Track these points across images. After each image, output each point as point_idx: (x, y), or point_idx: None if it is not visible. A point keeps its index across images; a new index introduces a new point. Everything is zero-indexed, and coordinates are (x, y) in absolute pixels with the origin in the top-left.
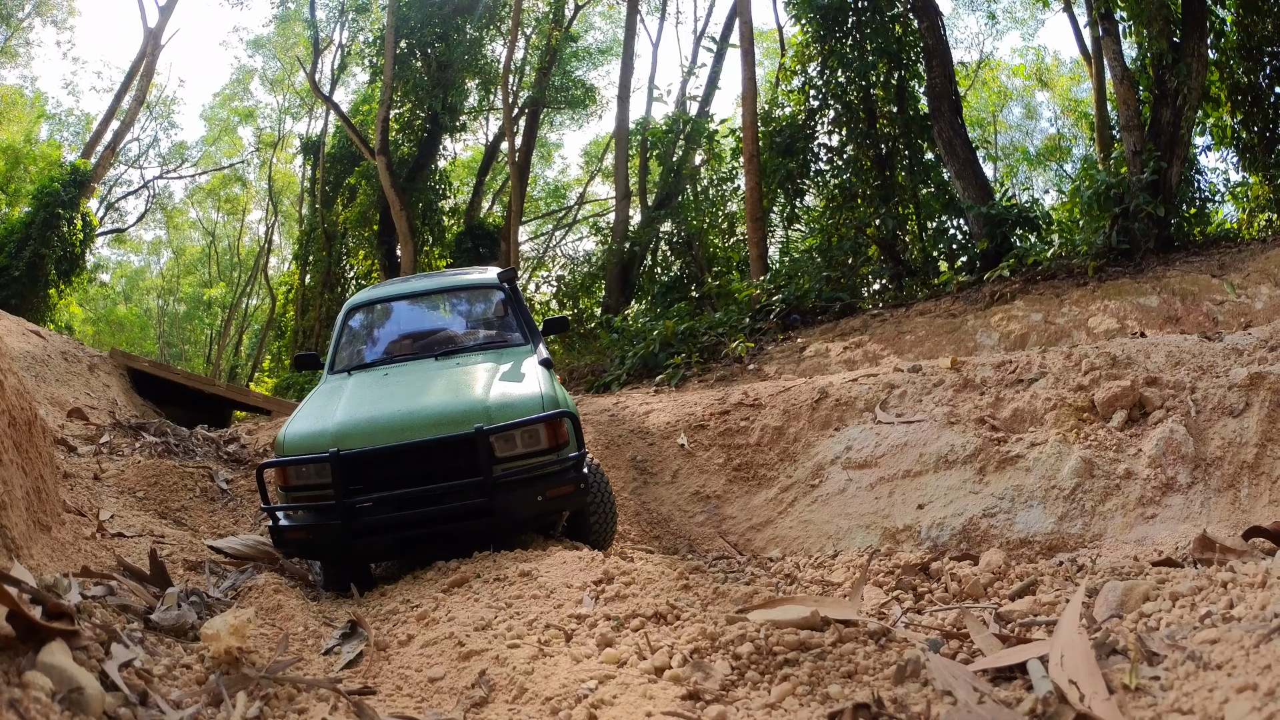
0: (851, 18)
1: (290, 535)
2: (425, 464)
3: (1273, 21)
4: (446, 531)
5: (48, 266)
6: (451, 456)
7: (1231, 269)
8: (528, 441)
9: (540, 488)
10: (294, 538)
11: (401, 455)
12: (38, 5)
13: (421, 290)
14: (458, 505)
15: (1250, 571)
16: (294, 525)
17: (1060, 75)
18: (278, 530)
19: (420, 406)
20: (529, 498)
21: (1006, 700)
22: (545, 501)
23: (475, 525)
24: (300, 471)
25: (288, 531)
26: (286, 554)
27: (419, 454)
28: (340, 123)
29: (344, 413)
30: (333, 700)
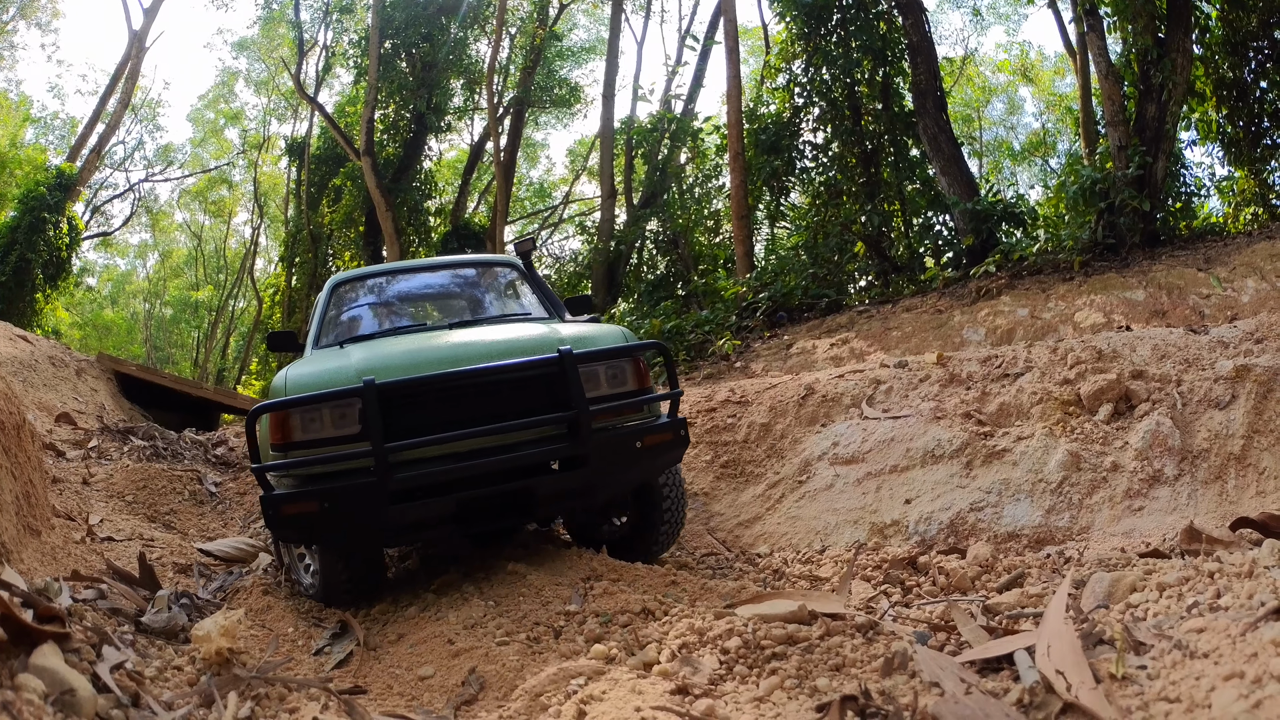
0: (836, 15)
1: (293, 509)
2: (490, 403)
3: (1257, 16)
4: (523, 492)
5: (34, 271)
6: (525, 392)
7: (1217, 263)
8: (614, 380)
9: (637, 434)
10: (299, 512)
11: (460, 388)
12: (22, 8)
13: (422, 265)
14: (541, 453)
15: (1237, 561)
16: (301, 494)
17: (1043, 70)
18: (273, 503)
19: (473, 342)
20: (626, 445)
21: (994, 691)
22: (644, 452)
23: (561, 483)
24: (312, 417)
25: (289, 503)
26: (285, 536)
27: (484, 387)
28: (325, 124)
29: (367, 355)
30: (324, 700)
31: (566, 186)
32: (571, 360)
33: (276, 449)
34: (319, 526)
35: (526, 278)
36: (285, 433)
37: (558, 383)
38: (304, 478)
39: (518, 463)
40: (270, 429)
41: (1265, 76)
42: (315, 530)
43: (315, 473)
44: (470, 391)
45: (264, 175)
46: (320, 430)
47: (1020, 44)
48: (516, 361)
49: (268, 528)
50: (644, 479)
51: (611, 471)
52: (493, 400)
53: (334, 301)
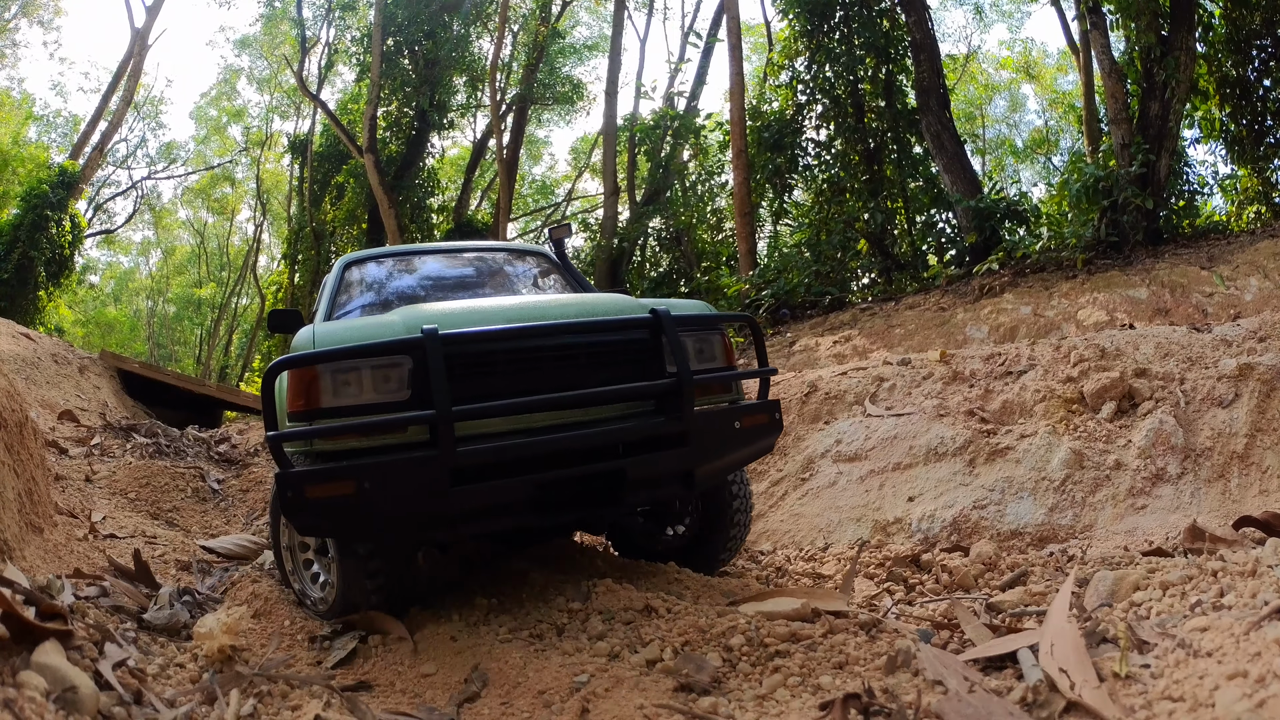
0: (839, 12)
1: (321, 491)
2: (567, 371)
3: (1261, 15)
4: (613, 475)
5: (37, 268)
6: (607, 360)
7: (1220, 261)
8: (702, 354)
9: (735, 413)
10: (329, 496)
11: (535, 350)
12: (24, 5)
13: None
14: (639, 427)
15: (1240, 560)
16: (333, 472)
17: (1046, 67)
18: (294, 483)
19: (542, 301)
20: (726, 424)
21: (997, 689)
22: (743, 434)
23: (657, 465)
24: (348, 378)
25: (317, 483)
26: (307, 527)
27: (562, 351)
28: (328, 121)
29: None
30: (326, 697)
31: (569, 184)
32: (670, 320)
33: (297, 418)
34: (354, 514)
35: (559, 267)
36: (311, 397)
37: (645, 351)
38: (332, 453)
39: (610, 439)
40: (290, 392)
41: (1269, 74)
42: (348, 519)
43: (348, 447)
44: (546, 355)
45: (267, 172)
46: (357, 394)
47: (1023, 41)
48: (606, 319)
49: (284, 515)
50: (740, 465)
51: (711, 454)
52: (570, 369)
53: (344, 283)
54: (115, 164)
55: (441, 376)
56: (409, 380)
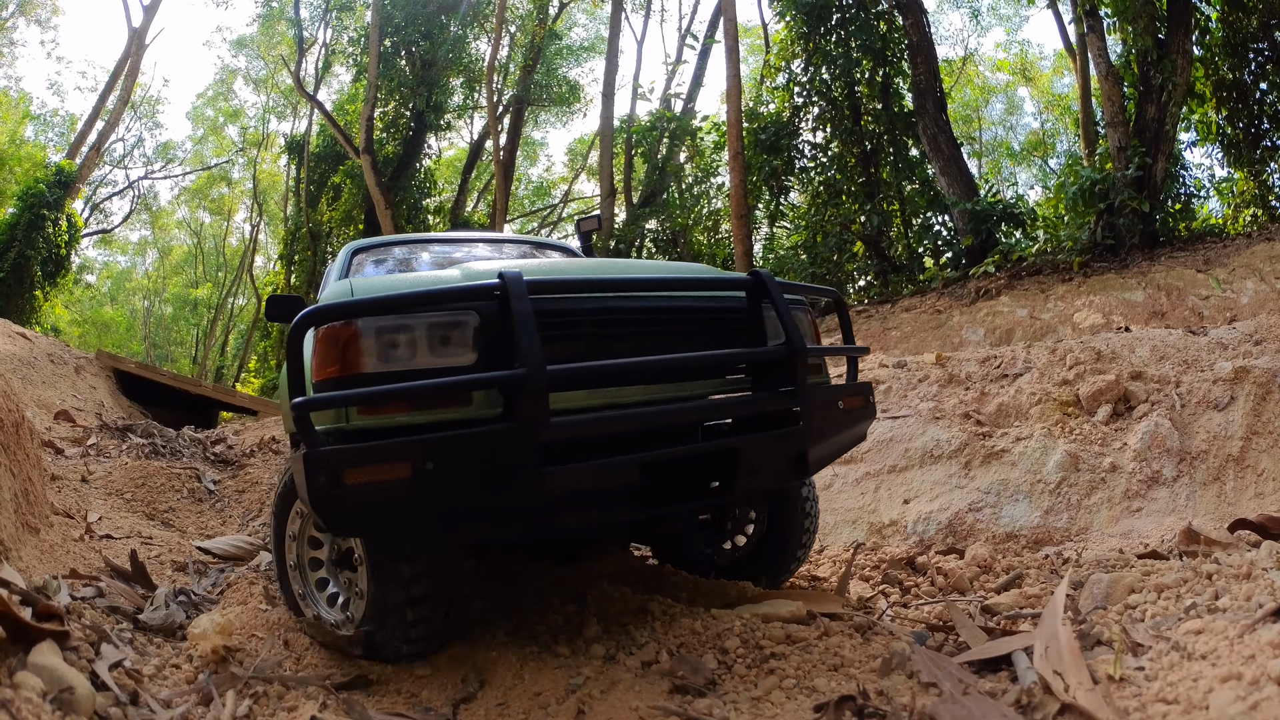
0: (836, 15)
1: (366, 475)
2: (657, 340)
3: (1258, 18)
4: (726, 456)
5: (33, 268)
6: (699, 329)
7: (1216, 264)
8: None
9: (838, 391)
10: (376, 481)
11: (628, 313)
12: (21, 4)
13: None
14: (751, 400)
15: (1235, 563)
16: (384, 450)
17: (1042, 70)
18: (329, 466)
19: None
20: (832, 403)
21: (991, 691)
22: (844, 416)
23: (773, 446)
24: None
25: (361, 465)
26: (342, 524)
27: (656, 316)
28: (325, 122)
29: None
30: (322, 698)
31: (566, 185)
32: (774, 283)
33: (326, 387)
34: (409, 507)
35: None
36: (348, 360)
37: (740, 318)
38: (372, 431)
39: (726, 412)
40: (318, 356)
41: (1265, 78)
42: (400, 514)
43: (394, 424)
44: (634, 318)
45: (263, 173)
46: (408, 358)
47: (1020, 44)
48: (706, 276)
49: (313, 509)
50: (841, 453)
51: (820, 436)
52: (659, 336)
53: (352, 268)
54: (112, 164)
55: (531, 326)
56: (475, 340)
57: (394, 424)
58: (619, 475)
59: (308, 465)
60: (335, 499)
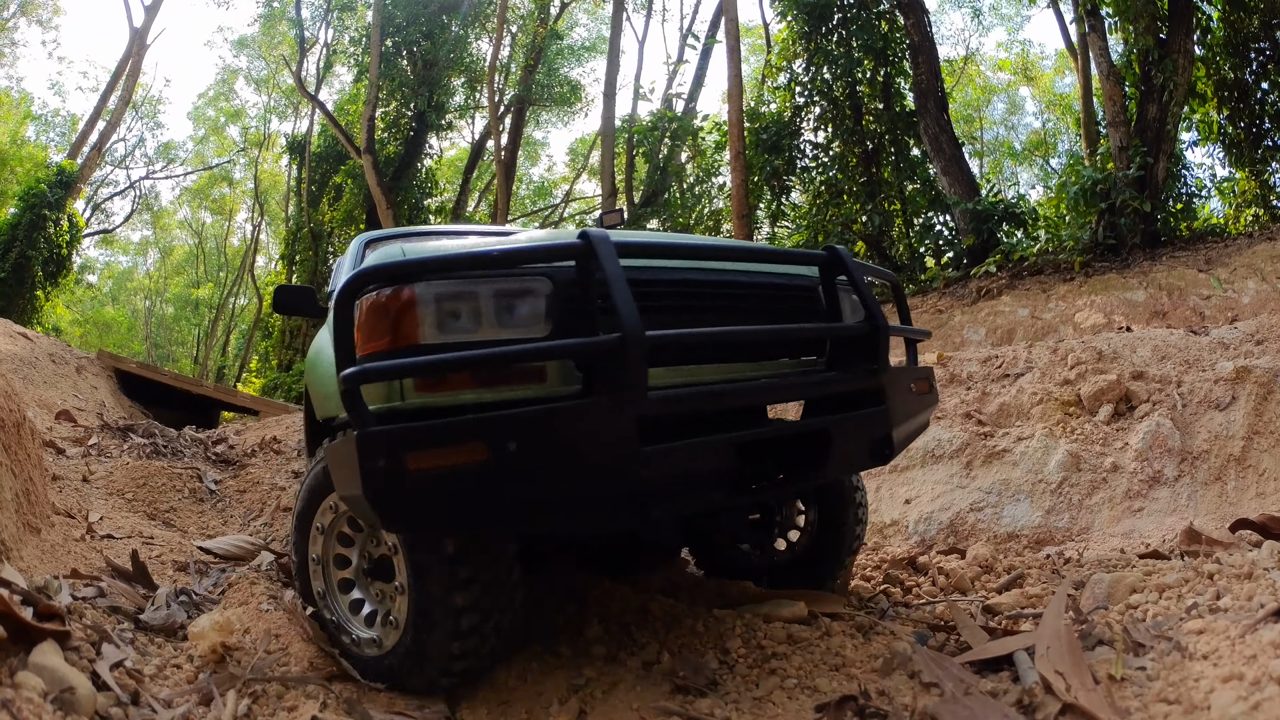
0: (837, 14)
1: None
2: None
3: (1259, 18)
4: (819, 436)
5: (34, 268)
6: (780, 303)
7: (1218, 264)
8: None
9: (909, 373)
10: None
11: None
12: (23, 4)
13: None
14: (840, 378)
15: (1236, 563)
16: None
17: (1044, 69)
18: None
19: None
20: (904, 386)
21: (993, 691)
22: (916, 400)
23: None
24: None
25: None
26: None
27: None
28: (326, 122)
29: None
30: (322, 697)
31: (567, 185)
32: (852, 261)
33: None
34: (486, 496)
35: None
36: (402, 330)
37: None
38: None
39: (819, 389)
40: (366, 326)
41: (1266, 78)
42: (476, 505)
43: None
44: (712, 292)
45: (265, 173)
46: (471, 329)
47: (1021, 44)
48: (787, 250)
49: (368, 499)
50: (912, 438)
51: (900, 418)
52: (735, 312)
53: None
54: (113, 164)
55: (625, 287)
56: (548, 309)
57: (457, 403)
58: (716, 457)
59: (362, 448)
60: (395, 488)
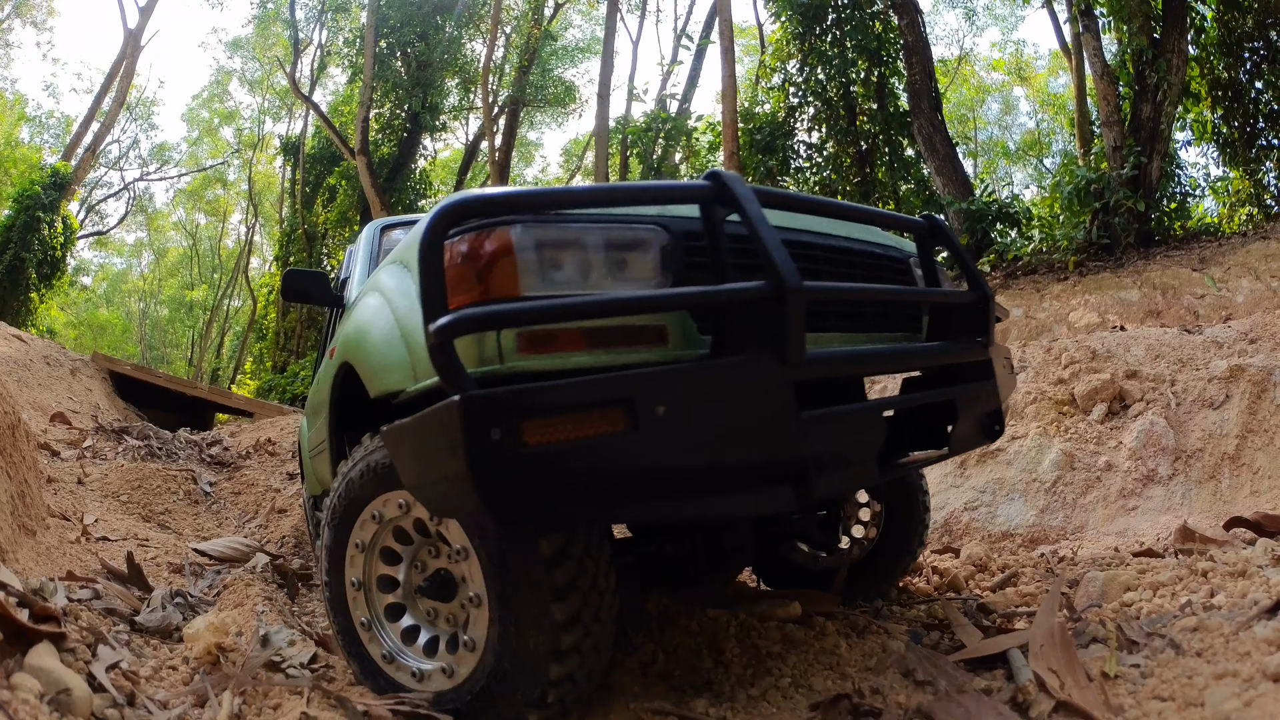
0: (831, 15)
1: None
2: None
3: (1253, 17)
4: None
5: (28, 270)
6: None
7: (1212, 263)
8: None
9: (1003, 349)
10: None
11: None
12: (17, 6)
13: None
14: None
15: (1230, 561)
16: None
17: (1037, 69)
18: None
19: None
20: (1002, 359)
21: (987, 689)
22: (1009, 377)
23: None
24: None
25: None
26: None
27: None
28: (320, 123)
29: None
30: (306, 694)
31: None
32: (949, 230)
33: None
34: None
35: None
36: (498, 280)
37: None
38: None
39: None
40: (453, 273)
41: (1260, 77)
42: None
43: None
44: (829, 254)
45: (259, 174)
46: (576, 281)
47: (1015, 44)
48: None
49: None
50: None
51: (1004, 394)
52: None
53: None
54: (107, 165)
55: (772, 231)
56: (663, 262)
57: (568, 368)
58: (871, 428)
59: (469, 415)
60: (511, 468)
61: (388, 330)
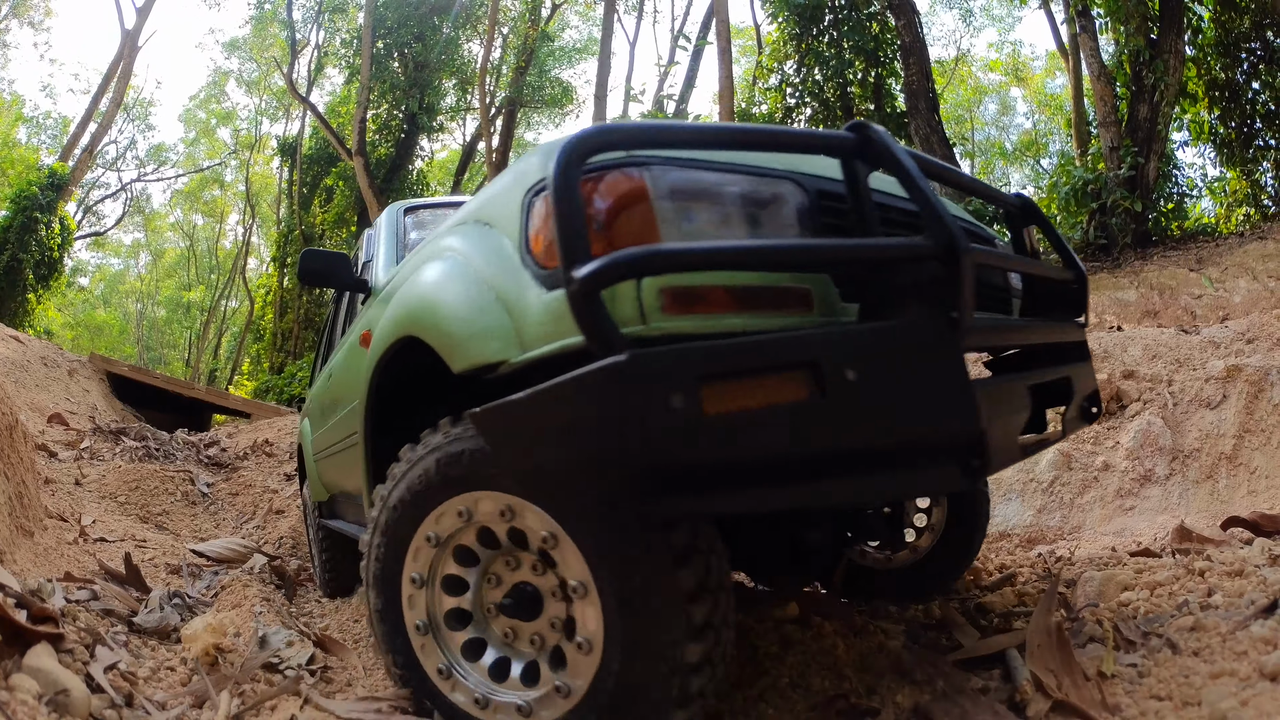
0: (828, 16)
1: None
2: None
3: (1250, 18)
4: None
5: (26, 271)
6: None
7: (1209, 263)
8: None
9: None
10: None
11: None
12: (15, 6)
13: None
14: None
15: (1227, 560)
16: (777, 351)
17: (1034, 70)
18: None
19: None
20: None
21: (984, 689)
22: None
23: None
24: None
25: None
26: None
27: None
28: (317, 124)
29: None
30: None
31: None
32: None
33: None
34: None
35: None
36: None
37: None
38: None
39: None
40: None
41: (1257, 77)
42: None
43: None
44: None
45: (256, 175)
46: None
47: (1012, 44)
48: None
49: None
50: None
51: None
52: None
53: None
54: (105, 166)
55: (929, 185)
56: (799, 221)
57: (717, 331)
58: (1026, 402)
59: (635, 379)
60: (690, 443)
61: (475, 295)
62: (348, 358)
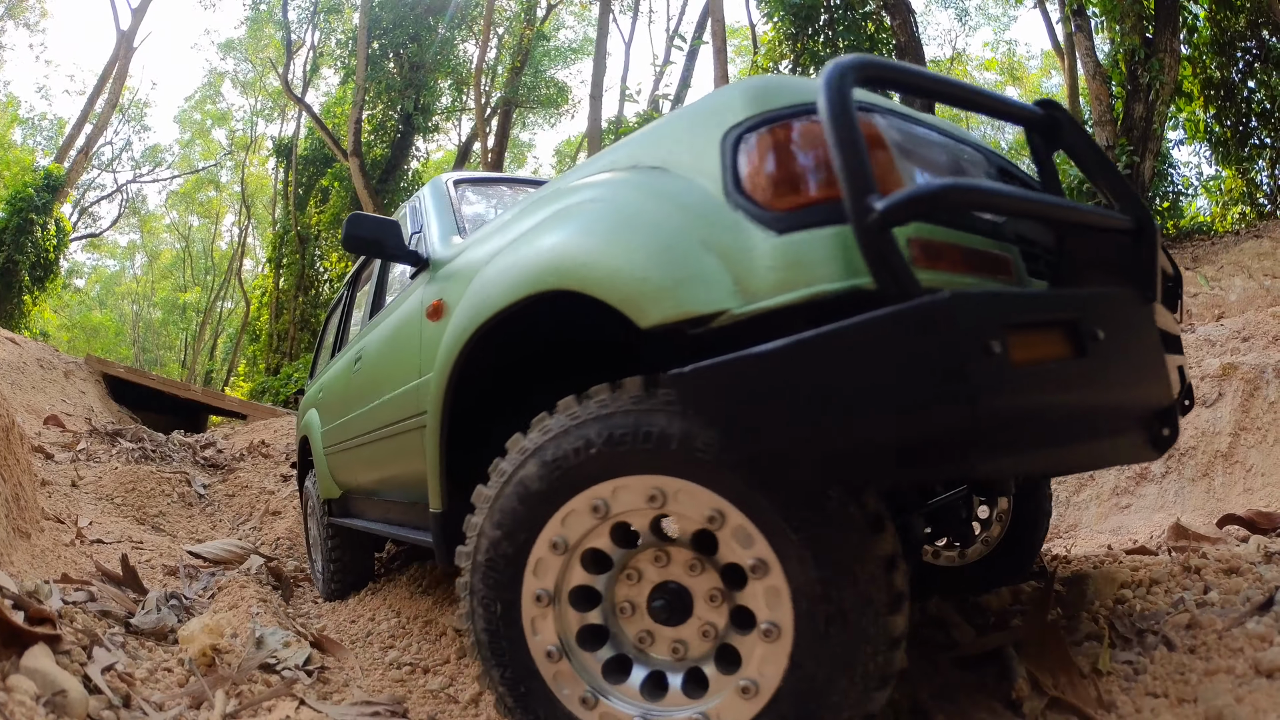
0: (824, 15)
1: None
2: None
3: (1245, 16)
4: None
5: (21, 273)
6: None
7: (1205, 262)
8: None
9: None
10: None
11: None
12: (10, 7)
13: None
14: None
15: (1223, 558)
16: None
17: (1030, 69)
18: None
19: None
20: None
21: (981, 686)
22: None
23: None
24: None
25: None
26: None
27: None
28: (313, 124)
29: None
30: (303, 692)
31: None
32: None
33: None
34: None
35: None
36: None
37: None
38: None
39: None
40: (788, 163)
41: (1253, 76)
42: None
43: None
44: None
45: (251, 176)
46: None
47: (1008, 43)
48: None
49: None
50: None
51: None
52: None
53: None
54: (100, 167)
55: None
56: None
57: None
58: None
59: (967, 322)
60: (1009, 395)
61: (667, 240)
62: (397, 335)
